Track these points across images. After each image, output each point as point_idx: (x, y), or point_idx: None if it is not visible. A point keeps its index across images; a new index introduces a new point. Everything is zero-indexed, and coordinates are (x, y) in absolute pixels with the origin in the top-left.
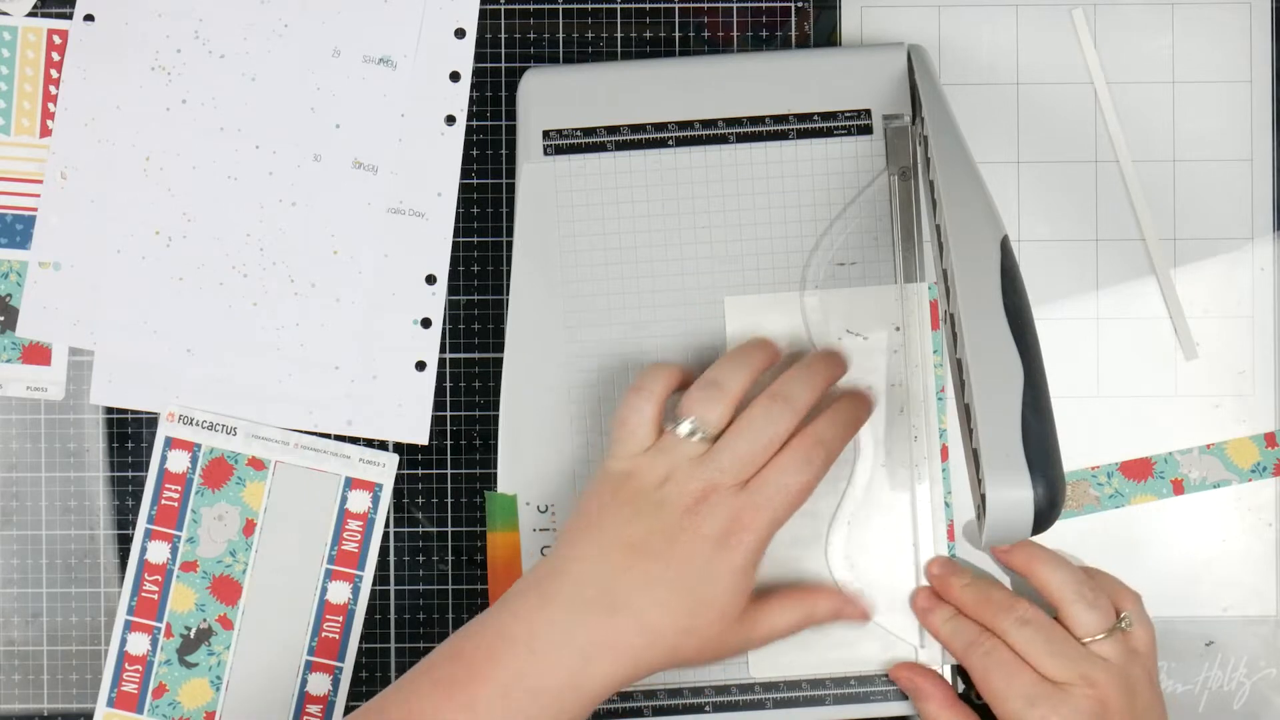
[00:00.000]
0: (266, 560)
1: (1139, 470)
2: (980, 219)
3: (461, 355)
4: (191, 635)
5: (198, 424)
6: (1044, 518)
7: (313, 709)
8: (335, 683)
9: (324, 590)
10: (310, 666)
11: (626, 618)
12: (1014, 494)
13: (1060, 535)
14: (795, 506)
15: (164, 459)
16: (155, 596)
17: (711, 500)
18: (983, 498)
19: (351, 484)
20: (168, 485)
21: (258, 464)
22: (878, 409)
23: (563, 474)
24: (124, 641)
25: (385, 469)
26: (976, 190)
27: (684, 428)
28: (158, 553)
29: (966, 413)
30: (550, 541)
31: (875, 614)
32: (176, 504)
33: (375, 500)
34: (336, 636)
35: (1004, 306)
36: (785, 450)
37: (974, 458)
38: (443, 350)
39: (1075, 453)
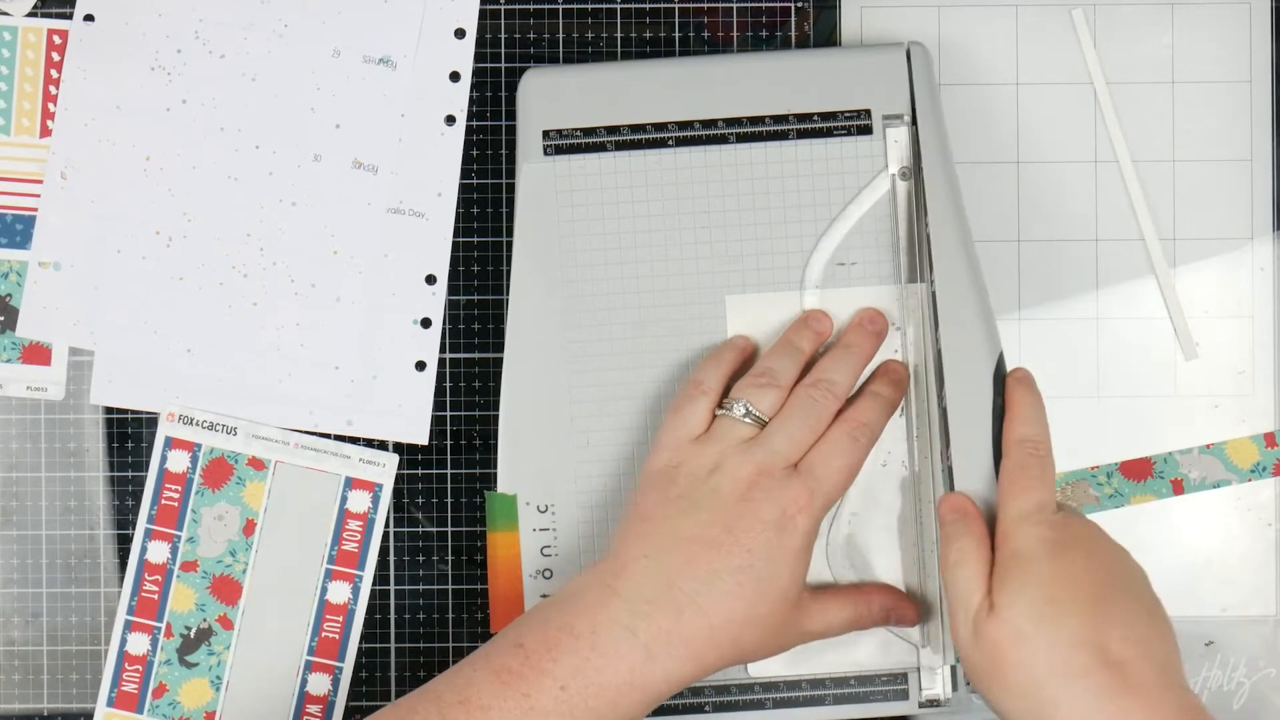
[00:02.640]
0: (267, 560)
1: (1139, 470)
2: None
3: (461, 355)
4: (191, 635)
5: (198, 424)
6: None
7: (313, 709)
8: (335, 683)
9: (324, 590)
10: (310, 666)
11: (692, 614)
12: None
13: None
14: (845, 486)
15: (164, 459)
16: (155, 596)
17: (764, 485)
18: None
19: (351, 484)
20: (168, 485)
21: (258, 464)
22: None
23: (563, 474)
24: (124, 641)
25: (385, 469)
26: (961, 241)
27: (738, 410)
28: (158, 552)
29: (949, 477)
30: (551, 541)
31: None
32: (177, 504)
33: (375, 500)
34: (336, 636)
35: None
36: (830, 432)
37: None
38: (443, 350)
39: (1075, 453)
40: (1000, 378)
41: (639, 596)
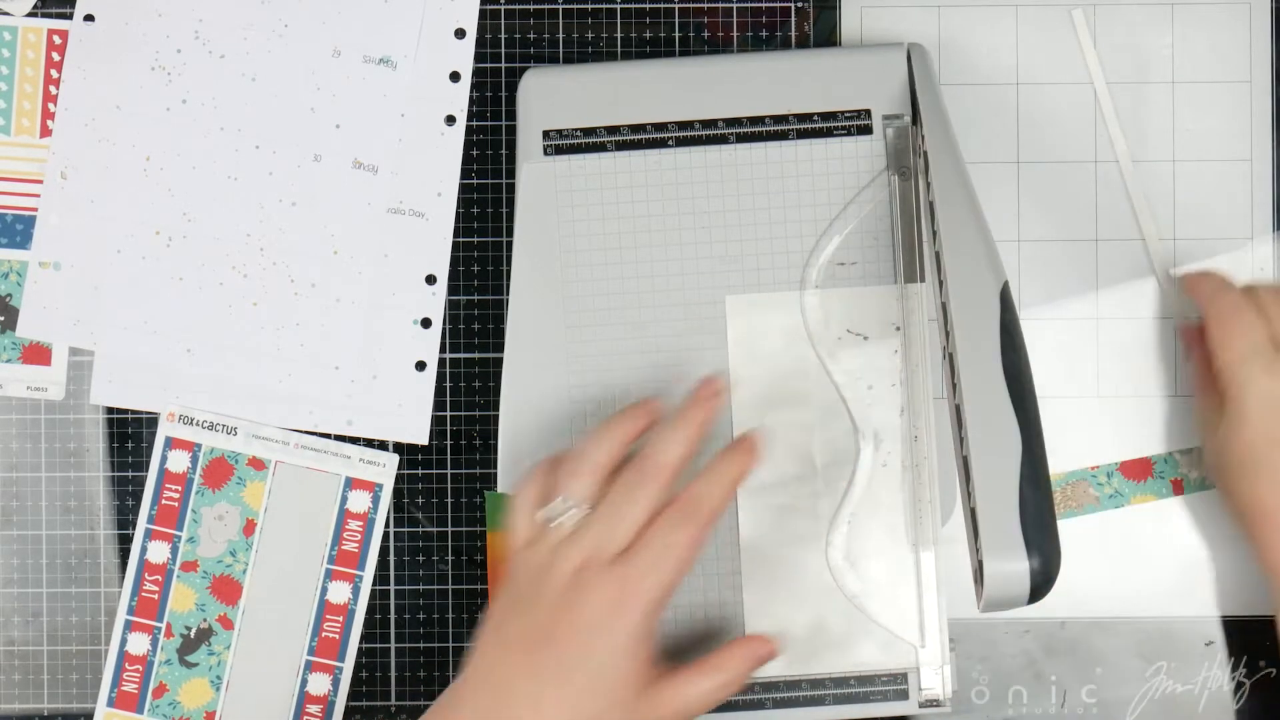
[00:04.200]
0: (267, 560)
1: (1139, 470)
2: (981, 264)
3: (461, 355)
4: (192, 635)
5: (198, 424)
6: (1039, 590)
7: (313, 709)
8: (335, 683)
9: (324, 590)
10: (310, 666)
11: (530, 718)
12: (1010, 567)
13: (1061, 536)
14: (682, 567)
15: (164, 459)
16: (155, 596)
17: (588, 577)
18: (980, 564)
19: (352, 484)
20: (168, 485)
21: (258, 464)
22: (878, 410)
23: None
24: (124, 641)
25: (385, 469)
26: (977, 233)
27: (554, 507)
28: (158, 552)
29: (965, 467)
30: None
31: (877, 615)
32: (177, 504)
33: (375, 500)
34: (337, 636)
35: (1003, 368)
36: (663, 512)
37: (971, 519)
38: (443, 350)
39: (1075, 453)
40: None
41: (480, 706)
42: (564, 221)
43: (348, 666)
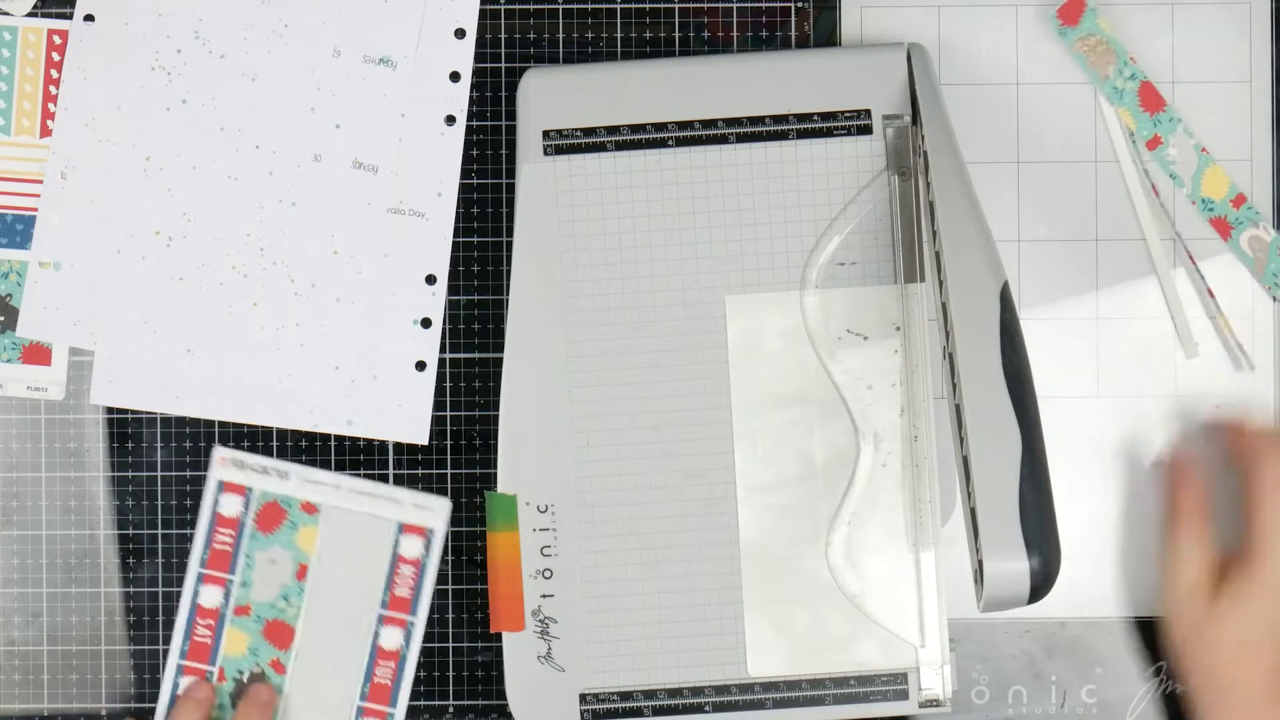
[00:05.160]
0: (319, 604)
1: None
2: (981, 264)
3: (461, 355)
4: (245, 679)
5: (250, 468)
6: (1039, 590)
7: None
8: None
9: (376, 635)
10: (362, 713)
11: None
12: (1010, 567)
13: (1061, 536)
14: None
15: (216, 502)
16: (208, 641)
17: None
18: (980, 564)
19: (404, 529)
20: (220, 530)
21: (310, 508)
22: (878, 409)
23: (563, 474)
24: (175, 686)
25: (436, 514)
26: (977, 233)
27: None
28: (210, 597)
29: (965, 467)
30: (551, 541)
31: (877, 615)
32: (229, 548)
33: (428, 545)
34: (389, 683)
35: (1003, 368)
36: None
37: (971, 519)
38: (443, 350)
39: (1075, 453)
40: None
41: None
42: (564, 221)
43: (400, 713)
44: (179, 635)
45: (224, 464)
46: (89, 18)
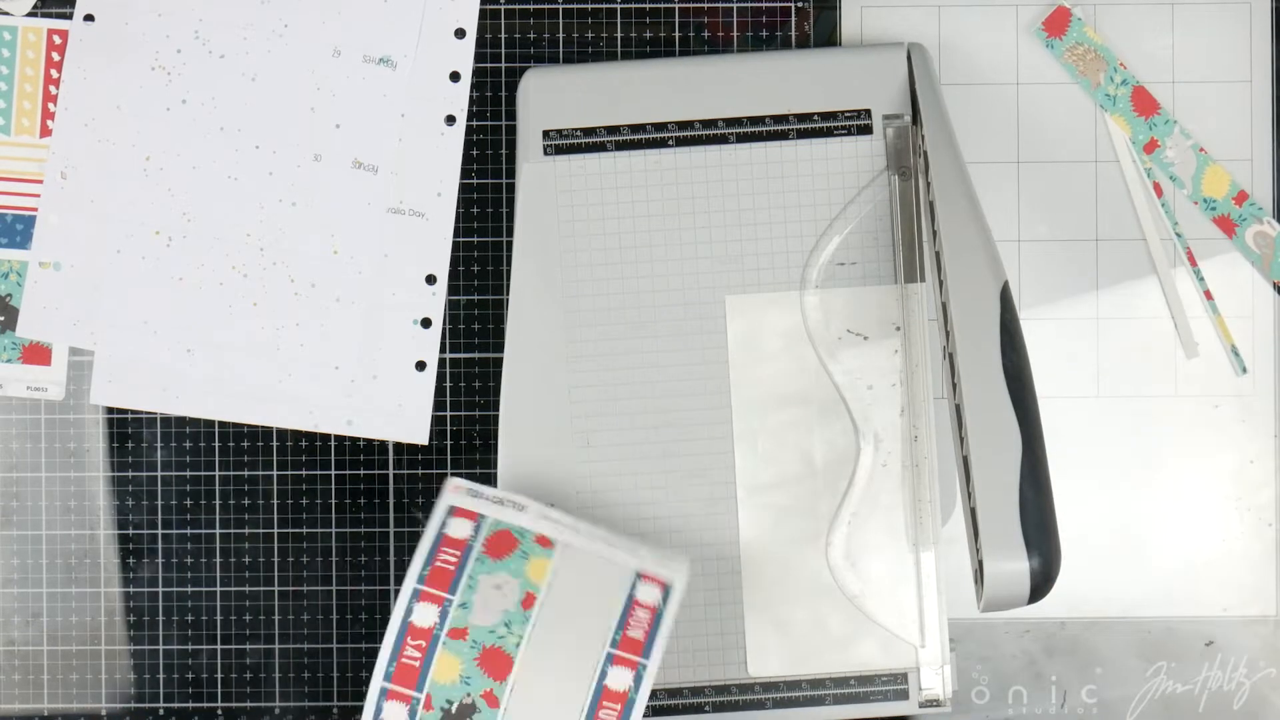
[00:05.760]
0: (544, 636)
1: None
2: (981, 264)
3: (461, 355)
4: (454, 710)
5: (484, 498)
6: (1039, 590)
7: None
8: None
9: (603, 675)
10: None
11: None
12: (1010, 567)
13: (1061, 536)
14: None
15: (444, 524)
16: (417, 664)
17: None
18: (980, 564)
19: (642, 577)
20: (445, 549)
21: (545, 541)
22: (878, 409)
23: (563, 474)
24: (379, 710)
25: (677, 571)
26: (977, 233)
27: None
28: (425, 615)
29: (965, 467)
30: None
31: (876, 615)
32: (453, 568)
33: (665, 598)
34: None
35: (1003, 368)
36: None
37: (971, 519)
38: (443, 350)
39: (1075, 453)
40: (1018, 375)
41: None
42: (564, 221)
43: None
44: (385, 654)
45: (457, 491)
46: (89, 18)
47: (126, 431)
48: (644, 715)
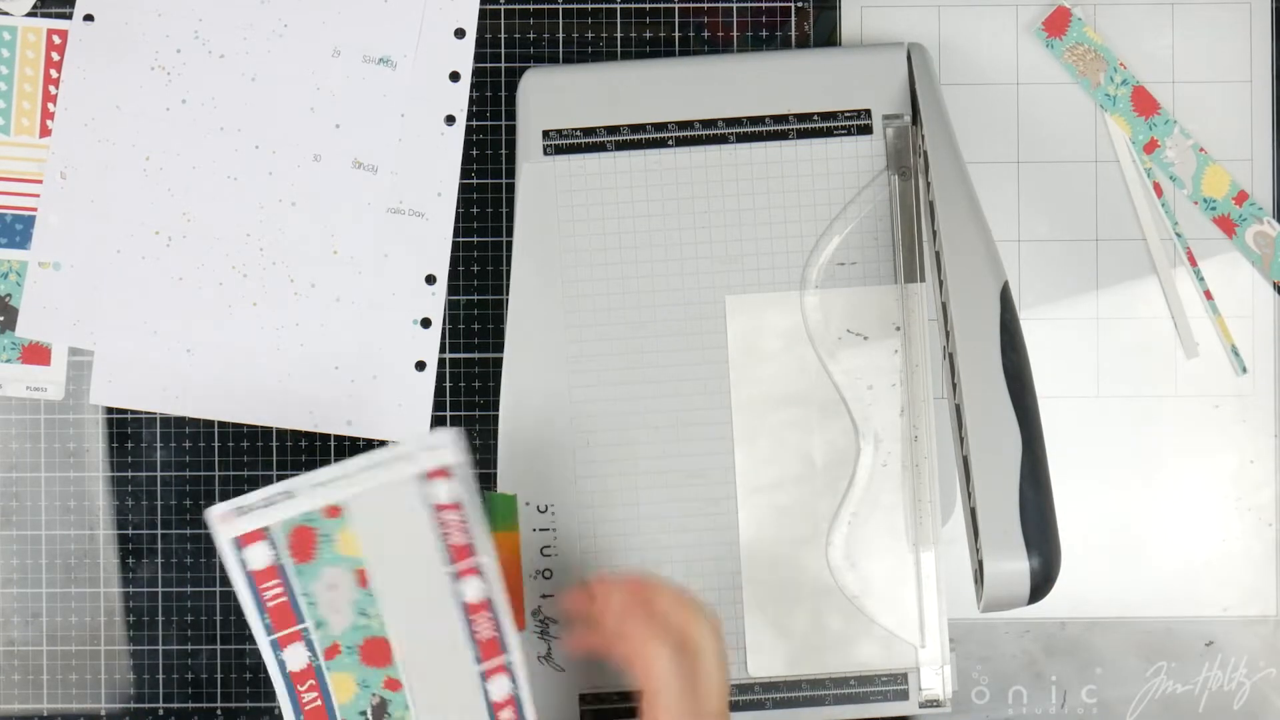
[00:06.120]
0: (394, 602)
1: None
2: (981, 264)
3: (461, 355)
4: (370, 716)
5: (252, 508)
6: (1039, 590)
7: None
8: (513, 677)
9: (459, 595)
10: (485, 676)
11: None
12: (1010, 567)
13: (1061, 536)
14: None
15: (242, 562)
16: (319, 702)
17: None
18: (980, 564)
19: (427, 478)
20: (264, 587)
21: (333, 511)
22: (878, 409)
23: (563, 474)
24: None
25: (449, 448)
26: (977, 233)
27: None
28: (296, 657)
29: (965, 467)
30: (551, 541)
31: (875, 614)
32: (285, 597)
33: (457, 482)
34: (492, 634)
35: (1003, 368)
36: None
37: (971, 519)
38: (443, 350)
39: (1075, 453)
40: (1018, 375)
41: None
42: (564, 221)
43: (516, 654)
44: (288, 711)
45: (225, 520)
46: (89, 18)
47: (126, 431)
48: (639, 716)
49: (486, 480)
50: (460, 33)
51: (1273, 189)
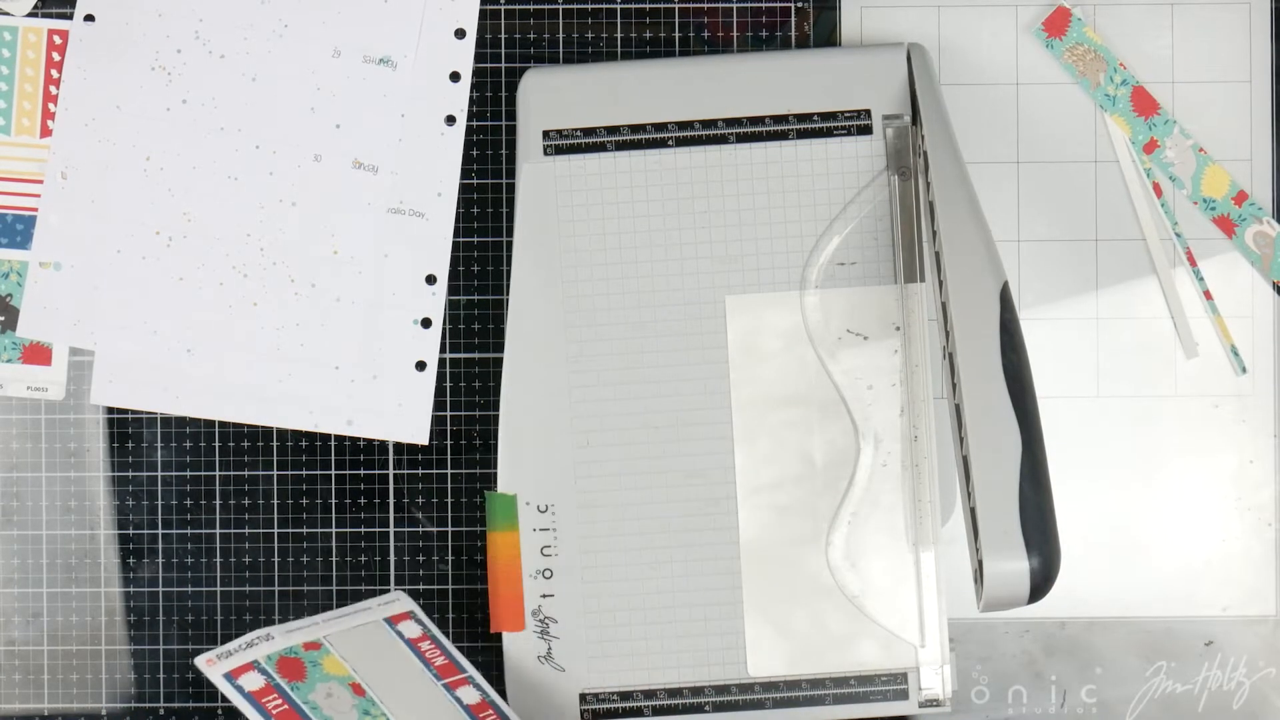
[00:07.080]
0: (395, 705)
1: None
2: (981, 264)
3: (461, 355)
4: None
5: (237, 651)
6: (1039, 590)
7: None
8: None
9: (459, 702)
10: None
11: None
12: (1010, 567)
13: (1061, 536)
14: None
15: (240, 690)
16: None
17: None
18: (980, 564)
19: (392, 621)
20: (265, 700)
21: (313, 645)
22: (878, 409)
23: (563, 474)
24: None
25: (401, 601)
26: (977, 233)
27: None
28: None
29: (965, 466)
30: (551, 541)
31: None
32: (286, 707)
33: (420, 621)
34: (496, 717)
35: (1003, 368)
36: None
37: (971, 519)
38: (443, 350)
39: (1075, 453)
40: (1018, 375)
41: None
42: (564, 221)
43: None
44: None
45: (213, 664)
46: (89, 18)
47: (126, 431)
48: (645, 716)
49: (487, 480)
50: (460, 33)
51: (1272, 189)
